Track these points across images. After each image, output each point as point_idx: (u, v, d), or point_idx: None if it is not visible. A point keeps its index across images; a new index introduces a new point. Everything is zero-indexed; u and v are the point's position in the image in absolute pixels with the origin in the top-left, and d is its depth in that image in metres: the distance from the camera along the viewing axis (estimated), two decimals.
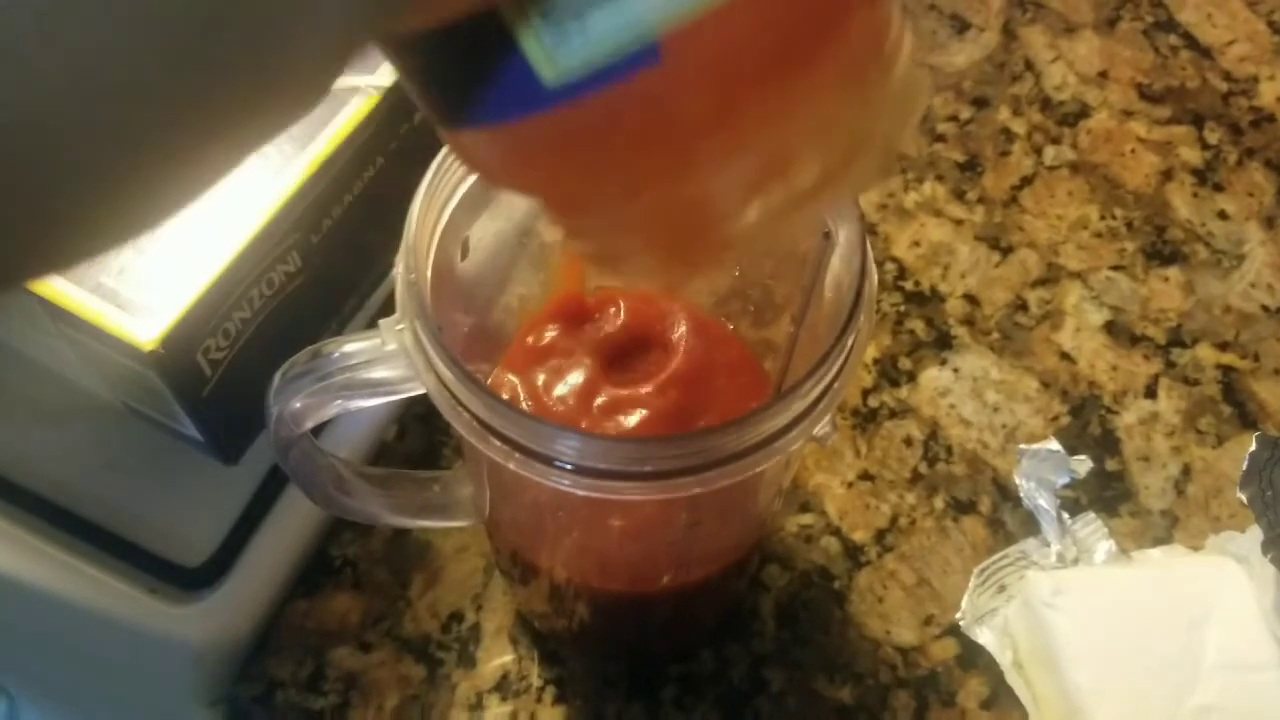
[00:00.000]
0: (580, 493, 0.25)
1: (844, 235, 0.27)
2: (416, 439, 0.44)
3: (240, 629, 0.40)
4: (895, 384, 0.46)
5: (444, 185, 0.27)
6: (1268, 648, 0.36)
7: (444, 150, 0.27)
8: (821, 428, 0.25)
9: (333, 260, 0.37)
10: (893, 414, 0.45)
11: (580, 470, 0.24)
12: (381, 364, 0.27)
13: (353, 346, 0.27)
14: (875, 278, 0.26)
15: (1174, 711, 0.36)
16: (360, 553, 0.42)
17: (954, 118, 0.52)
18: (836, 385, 0.25)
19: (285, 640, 0.40)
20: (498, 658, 0.40)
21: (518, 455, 0.25)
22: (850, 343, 0.25)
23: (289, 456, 0.29)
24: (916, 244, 0.49)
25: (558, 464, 0.24)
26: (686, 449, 0.24)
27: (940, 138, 0.51)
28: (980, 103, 0.52)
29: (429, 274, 0.27)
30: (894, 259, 0.48)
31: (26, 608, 0.40)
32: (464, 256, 0.30)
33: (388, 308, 0.26)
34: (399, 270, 0.26)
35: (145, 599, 0.40)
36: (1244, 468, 0.37)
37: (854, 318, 0.25)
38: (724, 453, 0.24)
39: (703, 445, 0.24)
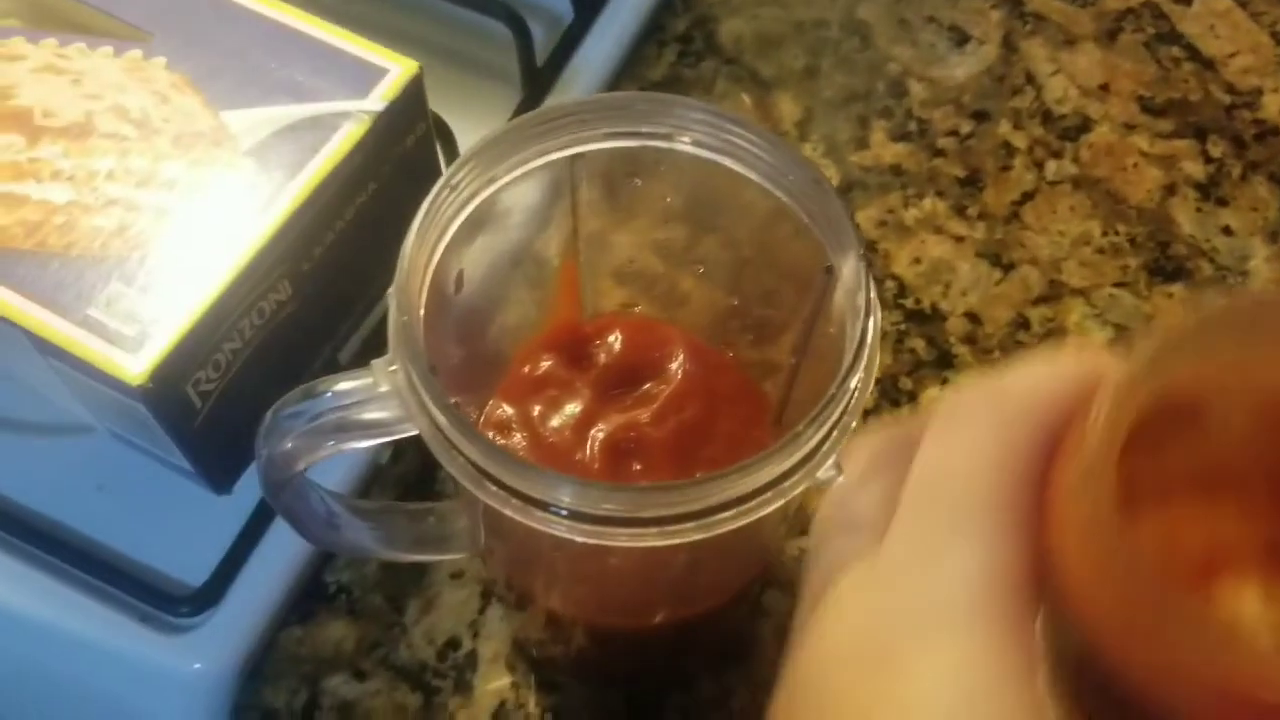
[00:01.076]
0: (578, 539, 0.24)
1: (846, 270, 0.26)
2: (411, 462, 0.43)
3: (234, 657, 0.39)
4: (896, 404, 0.45)
5: (437, 222, 0.27)
6: None
7: (437, 186, 0.26)
8: (825, 470, 0.24)
9: (325, 286, 0.37)
10: None
11: (577, 516, 0.24)
12: (374, 405, 0.26)
13: (345, 385, 0.26)
14: (879, 316, 0.26)
15: None
16: (355, 578, 0.41)
17: (954, 132, 0.51)
18: (839, 429, 0.24)
19: (280, 668, 0.40)
20: (495, 685, 0.40)
21: (514, 501, 0.24)
22: (854, 385, 0.24)
23: (280, 498, 0.28)
24: (917, 261, 0.48)
25: (554, 510, 0.24)
26: (686, 495, 0.23)
27: (940, 152, 0.51)
28: (980, 116, 0.52)
29: (421, 313, 0.26)
30: (894, 276, 0.48)
31: (11, 635, 0.40)
32: (458, 290, 0.30)
33: (383, 329, 0.26)
34: (391, 311, 0.25)
35: (136, 627, 0.39)
36: None
37: (858, 360, 0.24)
38: (724, 499, 0.24)
39: (702, 492, 0.23)
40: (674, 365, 0.35)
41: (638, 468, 0.33)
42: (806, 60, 0.54)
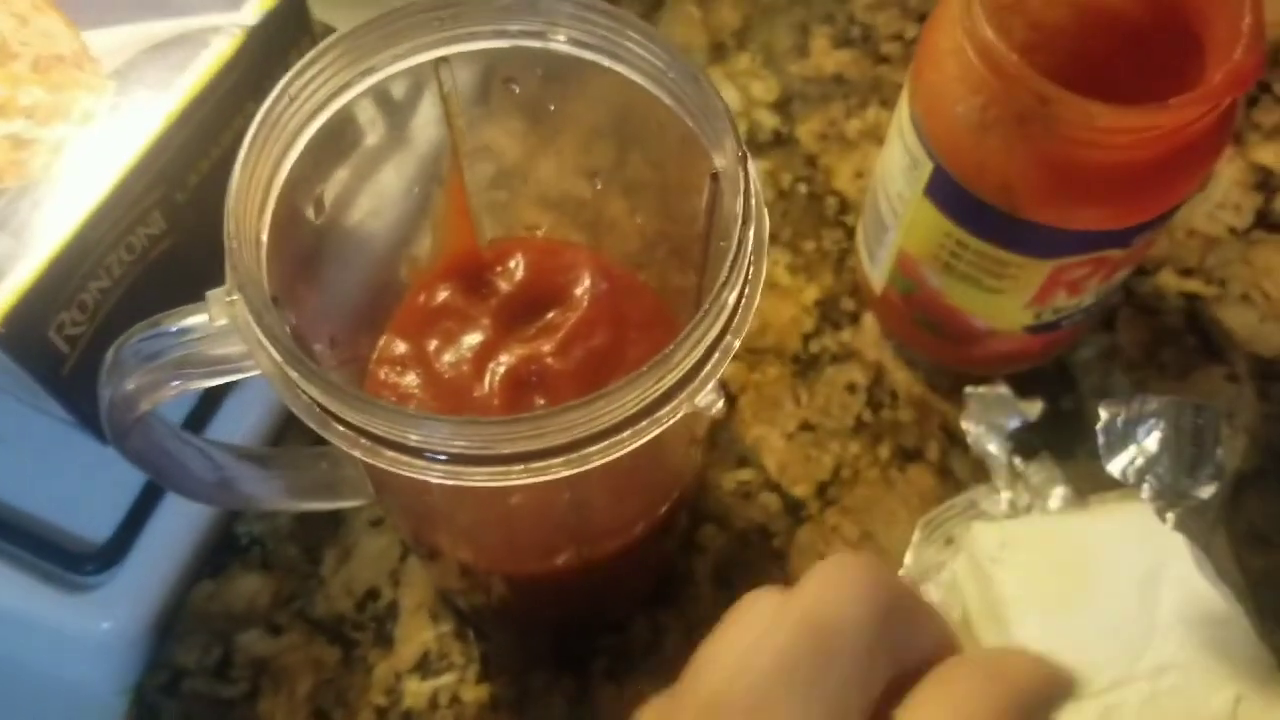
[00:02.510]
0: (434, 480, 0.22)
1: (727, 174, 0.23)
2: None
3: (144, 615, 0.37)
4: (837, 327, 0.43)
5: (276, 137, 0.24)
6: (1226, 600, 0.34)
7: (272, 96, 0.24)
8: (704, 397, 0.22)
9: (206, 219, 0.34)
10: (835, 359, 0.42)
11: (431, 455, 0.22)
12: (218, 341, 0.24)
13: (191, 320, 0.24)
14: (766, 221, 0.23)
15: (1128, 670, 0.33)
16: (268, 530, 0.40)
17: (899, 37, 0.48)
18: (720, 350, 0.22)
19: (191, 625, 0.38)
20: (417, 636, 0.38)
21: (363, 442, 0.22)
22: (730, 300, 0.22)
23: (128, 444, 0.26)
24: (860, 176, 0.45)
25: (405, 449, 0.22)
26: (545, 427, 0.21)
27: (884, 59, 0.48)
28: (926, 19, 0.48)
29: (264, 237, 0.24)
30: (835, 192, 0.45)
31: None
32: (319, 214, 0.27)
33: None
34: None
35: (39, 587, 0.37)
36: (1100, 441, 0.35)
37: (734, 272, 0.22)
38: (591, 430, 0.21)
39: (565, 422, 0.21)
40: (580, 291, 0.32)
41: (541, 403, 0.31)
42: None
